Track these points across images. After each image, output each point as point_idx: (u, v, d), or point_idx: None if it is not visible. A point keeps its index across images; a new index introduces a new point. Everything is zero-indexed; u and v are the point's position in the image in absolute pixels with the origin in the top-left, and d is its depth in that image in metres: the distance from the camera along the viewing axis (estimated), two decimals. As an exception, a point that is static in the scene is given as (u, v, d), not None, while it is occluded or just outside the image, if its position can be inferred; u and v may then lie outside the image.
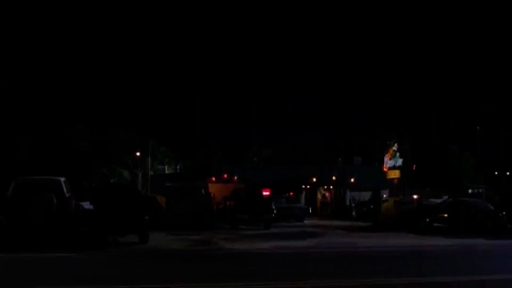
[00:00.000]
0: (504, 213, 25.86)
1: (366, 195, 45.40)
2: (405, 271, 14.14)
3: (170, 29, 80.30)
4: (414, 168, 37.63)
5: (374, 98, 57.92)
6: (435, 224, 27.50)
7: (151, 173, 52.33)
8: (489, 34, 71.62)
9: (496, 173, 61.02)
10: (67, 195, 19.54)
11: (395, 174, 36.74)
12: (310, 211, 43.72)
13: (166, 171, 59.47)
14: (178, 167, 61.52)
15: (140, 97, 61.85)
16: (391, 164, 37.10)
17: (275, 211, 30.25)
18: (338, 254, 18.40)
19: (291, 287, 11.49)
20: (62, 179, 20.22)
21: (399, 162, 35.99)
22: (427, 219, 28.06)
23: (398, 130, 37.72)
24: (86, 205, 22.72)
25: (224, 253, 18.11)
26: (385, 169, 38.82)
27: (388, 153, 37.71)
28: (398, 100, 54.10)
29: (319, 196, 50.58)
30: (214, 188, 36.76)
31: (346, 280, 12.49)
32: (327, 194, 50.55)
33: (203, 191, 30.27)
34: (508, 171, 58.82)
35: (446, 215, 27.34)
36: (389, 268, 14.93)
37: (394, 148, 36.67)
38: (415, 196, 34.34)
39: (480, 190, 43.77)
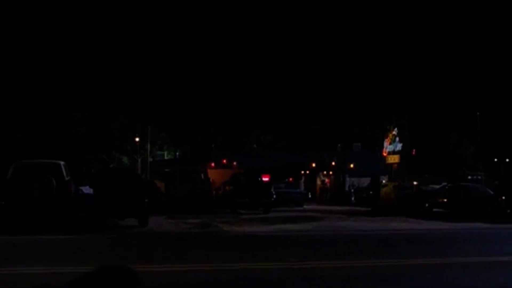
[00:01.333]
0: (503, 198, 25.89)
1: (365, 181, 45.47)
2: (405, 253, 14.17)
3: (170, 21, 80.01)
4: (413, 153, 37.54)
5: (374, 98, 57.84)
6: (434, 210, 27.50)
7: (150, 159, 52.30)
8: (489, 34, 71.40)
9: (496, 160, 61.02)
10: (66, 178, 19.52)
11: (394, 159, 36.64)
12: (310, 196, 43.79)
13: (165, 157, 59.44)
14: (177, 153, 61.50)
15: (139, 84, 61.69)
16: (391, 148, 37.00)
17: (274, 196, 30.25)
18: (337, 236, 18.42)
19: (290, 267, 11.49)
20: (62, 162, 20.21)
21: (399, 146, 35.87)
22: (426, 204, 28.04)
23: (398, 114, 37.55)
24: (86, 189, 22.74)
25: (223, 236, 18.13)
26: (384, 154, 38.72)
27: (388, 138, 37.60)
28: (398, 100, 53.98)
29: (318, 182, 50.61)
30: (213, 174, 36.69)
31: (345, 261, 12.51)
32: (326, 180, 50.57)
33: (202, 175, 30.25)
34: (507, 158, 58.81)
35: (445, 200, 27.33)
36: (389, 250, 14.95)
37: (394, 132, 36.56)
38: (415, 183, 34.31)
39: (479, 177, 43.82)
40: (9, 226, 17.74)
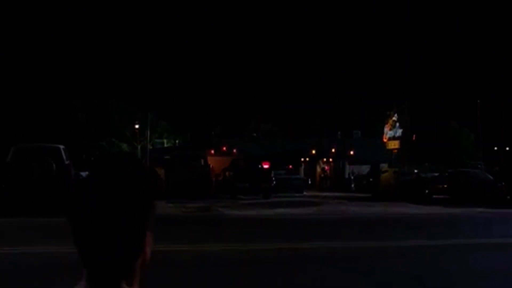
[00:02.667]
0: (503, 183, 25.85)
1: (365, 169, 45.40)
2: (405, 235, 14.18)
3: (171, 9, 79.56)
4: (414, 138, 37.45)
5: (374, 86, 57.67)
6: (434, 196, 27.43)
7: (150, 147, 52.23)
8: (489, 34, 71.07)
9: (496, 148, 60.96)
10: (66, 162, 19.48)
11: (394, 145, 36.52)
12: (310, 182, 43.77)
13: (165, 145, 59.38)
14: (177, 141, 61.44)
15: (139, 71, 61.50)
16: (391, 134, 36.89)
17: (274, 181, 30.23)
18: (337, 220, 18.41)
19: (290, 247, 11.48)
20: (62, 146, 20.17)
21: (399, 132, 35.74)
22: (426, 191, 28.02)
23: (398, 100, 37.35)
24: (85, 174, 22.65)
25: (223, 219, 18.13)
26: (384, 140, 38.62)
27: (388, 124, 37.48)
28: (398, 88, 53.84)
29: (318, 169, 50.59)
30: (213, 161, 36.68)
31: (345, 242, 12.52)
32: (326, 167, 50.55)
33: (202, 161, 30.21)
34: (507, 147, 58.74)
35: (445, 186, 27.30)
36: (389, 232, 14.96)
37: (394, 118, 36.43)
38: (416, 171, 34.25)
39: (479, 166, 43.73)
40: (9, 209, 17.70)
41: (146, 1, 79.08)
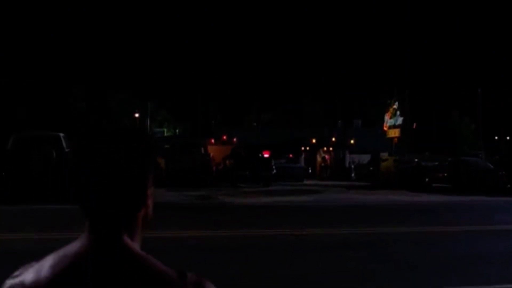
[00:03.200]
0: (503, 172, 25.83)
1: (365, 158, 45.37)
2: (405, 222, 14.21)
3: (171, 1, 79.10)
4: (414, 126, 37.33)
5: (375, 87, 57.50)
6: (434, 185, 27.42)
7: (150, 136, 52.09)
8: (491, 23, 70.60)
9: (496, 138, 60.95)
10: (66, 150, 19.46)
11: (395, 133, 36.43)
12: (310, 171, 43.77)
13: (165, 134, 59.39)
14: (177, 130, 61.44)
15: (139, 60, 61.34)
16: (391, 123, 36.78)
17: (274, 170, 30.23)
18: (337, 207, 18.43)
19: (289, 234, 11.51)
20: (62, 134, 20.13)
21: (399, 120, 35.62)
22: (427, 179, 27.99)
23: (399, 88, 37.16)
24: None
25: (224, 206, 18.14)
26: (385, 128, 38.54)
27: (388, 112, 37.37)
28: (398, 75, 53.72)
29: (318, 158, 50.56)
30: (213, 150, 36.62)
31: (345, 228, 12.55)
32: (326, 156, 50.52)
33: (202, 149, 30.17)
34: (508, 136, 58.71)
35: (446, 175, 27.27)
36: (388, 219, 15.00)
37: (395, 106, 36.30)
38: (416, 160, 34.15)
39: (480, 155, 43.66)
40: (9, 196, 17.71)
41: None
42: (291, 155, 42.44)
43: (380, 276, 7.75)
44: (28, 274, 1.22)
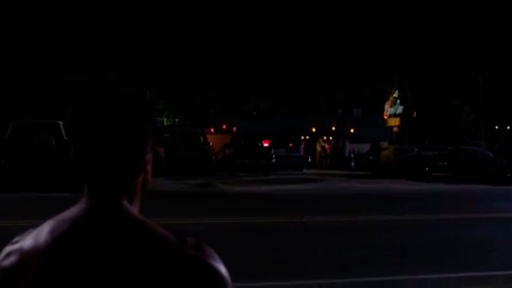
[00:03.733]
0: (504, 161, 25.80)
1: (365, 147, 45.33)
2: (404, 209, 14.20)
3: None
4: (414, 115, 37.12)
5: (375, 75, 57.39)
6: (434, 174, 27.38)
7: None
8: (492, 12, 70.32)
9: (497, 127, 60.90)
10: (65, 137, 19.42)
11: (395, 122, 36.22)
12: (310, 160, 43.71)
13: (165, 123, 59.27)
14: (176, 120, 61.32)
15: (138, 49, 61.19)
16: (391, 111, 36.55)
17: (274, 158, 30.19)
18: (337, 195, 18.43)
19: (289, 221, 11.50)
20: (61, 122, 20.07)
21: (400, 109, 35.39)
22: (427, 168, 27.96)
23: (399, 76, 36.87)
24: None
25: (223, 194, 18.13)
26: (385, 117, 38.33)
27: (389, 100, 37.14)
28: (399, 64, 53.64)
29: (318, 148, 50.47)
30: (213, 139, 36.59)
31: (344, 216, 12.55)
32: (326, 145, 50.44)
33: (202, 138, 30.15)
34: (508, 125, 58.63)
35: (445, 163, 27.23)
36: (388, 206, 15.00)
37: (395, 95, 36.07)
38: (416, 149, 34.08)
39: (480, 145, 43.58)
40: (8, 184, 17.69)
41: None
42: (290, 144, 42.36)
43: (379, 262, 7.74)
44: (27, 240, 1.21)
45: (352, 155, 44.66)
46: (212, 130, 43.29)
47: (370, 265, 7.54)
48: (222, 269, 1.20)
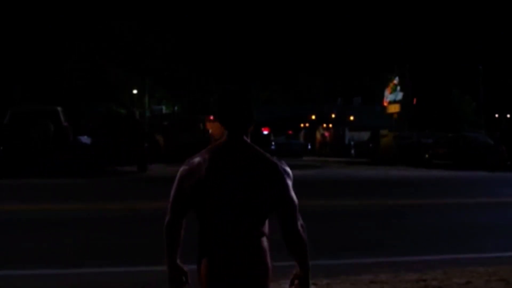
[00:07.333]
0: (504, 148, 25.69)
1: (365, 135, 45.28)
2: (406, 194, 14.16)
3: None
4: (414, 102, 37.03)
5: (375, 63, 57.26)
6: (434, 161, 27.28)
7: (148, 113, 51.90)
8: (491, 11, 70.05)
9: (497, 115, 60.80)
10: (64, 123, 19.31)
11: (395, 109, 36.13)
12: (309, 147, 43.67)
13: (164, 111, 59.02)
14: (175, 108, 61.12)
15: (137, 37, 60.82)
16: (392, 98, 36.45)
17: (273, 145, 30.11)
18: (338, 181, 18.38)
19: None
20: (59, 108, 19.95)
21: (400, 96, 35.29)
22: (427, 155, 27.87)
23: (399, 63, 36.75)
24: (84, 139, 22.45)
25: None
26: (385, 104, 38.25)
27: (389, 87, 37.01)
28: (399, 52, 53.49)
29: (318, 135, 50.43)
30: (212, 127, 36.47)
31: (346, 200, 12.49)
32: (326, 133, 50.39)
33: (201, 125, 30.04)
34: (509, 113, 58.53)
35: (446, 150, 27.11)
36: (390, 191, 14.95)
37: (395, 82, 35.94)
38: (416, 135, 33.96)
39: (480, 133, 43.43)
40: (7, 170, 17.59)
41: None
42: (290, 132, 42.32)
43: (383, 244, 7.68)
44: (196, 158, 2.50)
45: (352, 143, 44.65)
46: (211, 117, 43.14)
47: (379, 248, 7.49)
48: (288, 169, 2.50)
